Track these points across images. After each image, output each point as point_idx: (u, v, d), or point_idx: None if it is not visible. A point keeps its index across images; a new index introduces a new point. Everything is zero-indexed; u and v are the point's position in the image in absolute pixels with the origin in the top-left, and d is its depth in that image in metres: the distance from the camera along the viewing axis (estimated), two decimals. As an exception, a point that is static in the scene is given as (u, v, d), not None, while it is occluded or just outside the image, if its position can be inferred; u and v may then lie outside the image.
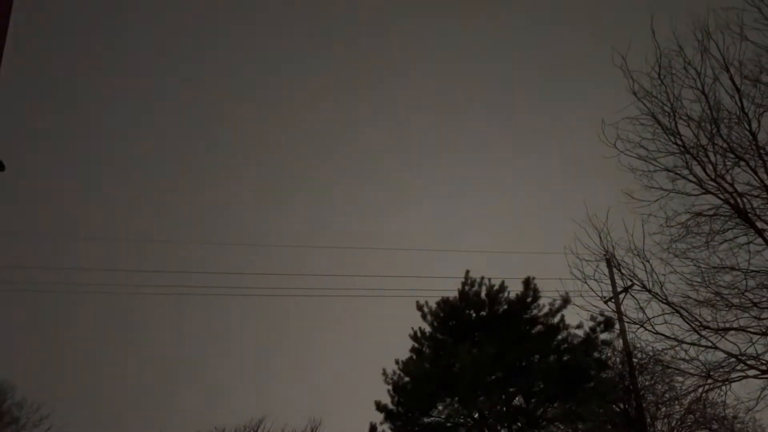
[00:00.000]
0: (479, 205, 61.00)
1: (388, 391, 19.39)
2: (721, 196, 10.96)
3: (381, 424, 19.08)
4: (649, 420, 19.71)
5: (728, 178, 10.82)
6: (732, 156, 10.69)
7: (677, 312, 11.32)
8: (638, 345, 17.55)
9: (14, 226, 44.67)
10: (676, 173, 11.20)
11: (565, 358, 18.32)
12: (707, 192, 11.07)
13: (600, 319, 17.93)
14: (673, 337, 11.43)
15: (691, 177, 11.08)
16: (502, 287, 19.48)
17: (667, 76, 10.80)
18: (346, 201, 63.83)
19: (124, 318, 51.74)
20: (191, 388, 47.87)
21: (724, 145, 10.65)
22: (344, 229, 58.27)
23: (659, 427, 20.55)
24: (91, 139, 59.66)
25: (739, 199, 10.80)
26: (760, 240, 10.86)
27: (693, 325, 11.20)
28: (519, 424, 18.37)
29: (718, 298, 11.23)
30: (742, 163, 10.66)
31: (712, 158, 10.82)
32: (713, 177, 10.86)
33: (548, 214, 54.12)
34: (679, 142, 10.95)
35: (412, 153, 63.79)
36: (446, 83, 62.58)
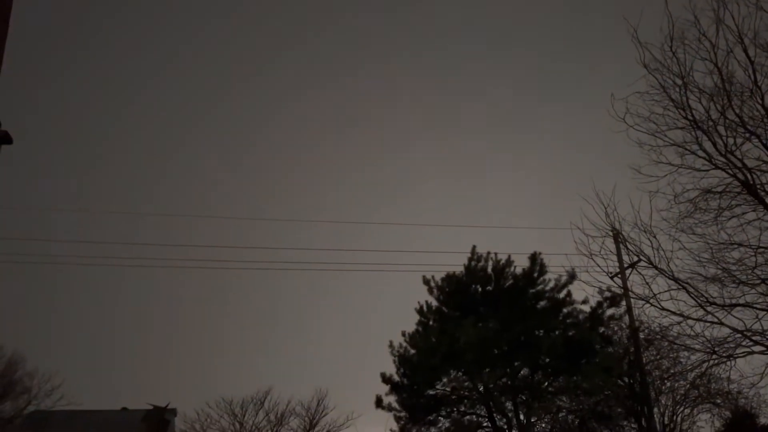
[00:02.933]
0: (486, 180, 60.71)
1: (394, 362, 19.60)
2: (730, 171, 10.76)
3: (386, 395, 19.33)
4: (653, 394, 19.86)
5: (738, 153, 10.62)
6: (743, 131, 10.47)
7: (683, 288, 11.24)
8: (644, 320, 17.61)
9: (19, 198, 45.02)
10: (686, 148, 10.98)
11: (570, 332, 18.36)
12: (716, 168, 10.87)
13: (606, 294, 17.90)
14: (678, 312, 11.38)
15: (700, 152, 10.86)
16: (509, 262, 19.46)
17: (679, 48, 10.53)
18: (352, 176, 63.76)
19: (132, 290, 52.42)
20: (199, 360, 48.64)
21: (736, 120, 10.42)
22: (351, 204, 58.35)
23: (664, 402, 20.71)
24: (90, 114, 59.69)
25: (749, 175, 10.61)
26: (769, 216, 10.72)
27: (699, 300, 11.13)
28: (523, 397, 18.53)
29: (725, 275, 11.15)
30: (753, 138, 10.46)
31: (723, 133, 10.61)
32: (723, 152, 10.66)
33: (555, 190, 53.83)
34: (690, 117, 10.71)
35: (420, 130, 63.41)
36: (448, 66, 61.81)
